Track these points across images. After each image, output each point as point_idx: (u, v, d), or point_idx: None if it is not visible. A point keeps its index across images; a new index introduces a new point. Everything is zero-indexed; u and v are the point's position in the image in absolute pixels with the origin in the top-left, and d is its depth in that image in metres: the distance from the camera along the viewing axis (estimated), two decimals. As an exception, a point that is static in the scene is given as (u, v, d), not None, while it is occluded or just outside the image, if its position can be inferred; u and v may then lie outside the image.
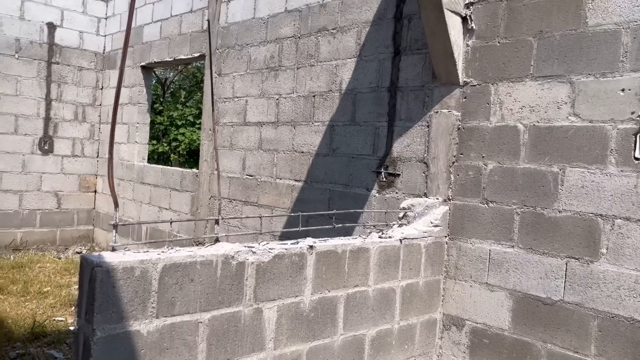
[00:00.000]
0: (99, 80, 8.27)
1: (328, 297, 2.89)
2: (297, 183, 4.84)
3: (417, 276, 3.43)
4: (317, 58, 4.69)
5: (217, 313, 2.44)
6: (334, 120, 4.52)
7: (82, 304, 2.13)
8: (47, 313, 4.70)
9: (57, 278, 5.94)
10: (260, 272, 2.58)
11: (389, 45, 4.07)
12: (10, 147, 7.47)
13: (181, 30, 6.61)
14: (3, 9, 7.33)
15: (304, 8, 4.83)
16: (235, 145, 5.62)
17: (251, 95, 5.43)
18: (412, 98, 3.90)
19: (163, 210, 6.81)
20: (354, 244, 3.01)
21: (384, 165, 4.07)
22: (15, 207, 7.53)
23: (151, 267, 2.21)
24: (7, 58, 7.41)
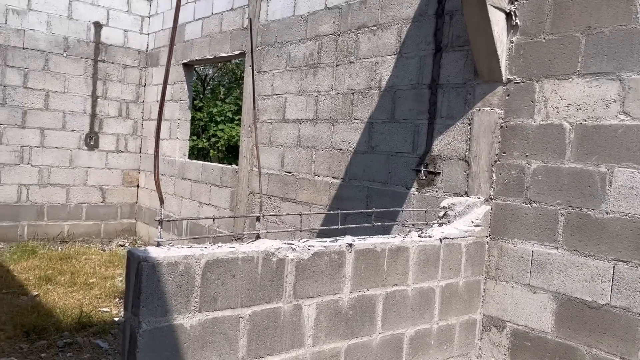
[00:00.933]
0: (142, 78, 8.47)
1: (367, 296, 2.89)
2: (335, 180, 4.85)
3: (457, 276, 3.39)
4: (357, 55, 4.68)
5: (257, 309, 2.47)
6: (373, 118, 4.50)
7: (128, 297, 2.20)
8: (93, 304, 4.86)
9: (102, 270, 6.14)
10: (299, 269, 2.61)
11: (430, 42, 4.03)
12: (58, 143, 7.74)
13: (222, 28, 6.70)
14: (52, 9, 7.59)
15: (344, 5, 4.82)
16: (274, 142, 5.67)
17: (290, 92, 5.46)
18: (454, 95, 3.84)
19: (203, 205, 6.93)
20: (393, 243, 3.00)
21: (424, 163, 4.03)
22: (63, 201, 7.81)
23: (194, 263, 2.26)
24: (56, 57, 7.68)
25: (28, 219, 7.54)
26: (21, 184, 7.47)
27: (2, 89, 7.27)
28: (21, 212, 7.48)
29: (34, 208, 7.58)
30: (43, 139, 7.62)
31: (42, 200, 7.64)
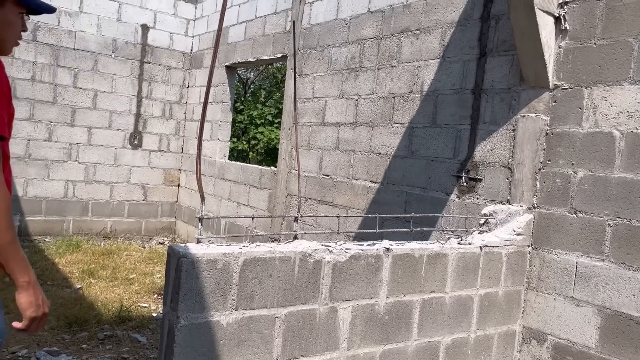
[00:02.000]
0: (186, 79, 8.65)
1: (403, 301, 2.85)
2: (373, 184, 4.82)
3: (496, 285, 3.31)
4: (399, 59, 4.65)
5: (293, 309, 2.47)
6: (414, 122, 4.45)
7: (167, 292, 2.24)
8: (133, 299, 4.98)
9: (142, 266, 6.28)
10: (336, 271, 2.60)
11: (474, 47, 3.96)
12: (104, 141, 7.99)
13: (265, 31, 6.77)
14: (102, 11, 7.85)
15: (387, 9, 4.80)
16: (312, 145, 5.69)
17: (330, 95, 5.47)
18: (498, 101, 3.76)
19: (241, 205, 7.01)
20: (431, 249, 2.96)
21: (465, 169, 3.96)
22: (107, 198, 8.05)
23: (233, 261, 2.28)
24: (105, 57, 7.93)
25: (74, 214, 7.79)
26: (68, 180, 7.73)
27: (53, 88, 7.56)
28: (67, 207, 7.74)
29: (80, 204, 7.84)
30: (90, 137, 7.88)
31: (87, 196, 7.89)
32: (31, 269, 1.63)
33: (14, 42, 1.81)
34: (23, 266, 1.59)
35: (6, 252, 1.56)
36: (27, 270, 1.61)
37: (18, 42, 1.84)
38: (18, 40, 1.82)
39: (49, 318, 4.20)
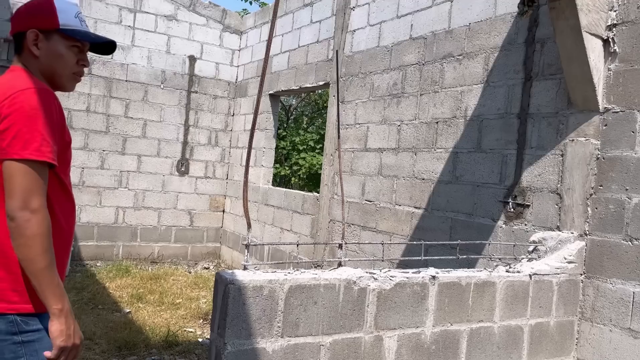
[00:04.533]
0: (231, 108, 8.88)
1: (450, 331, 2.79)
2: (417, 210, 4.78)
3: (547, 315, 3.20)
4: (441, 84, 4.64)
5: (338, 337, 2.46)
6: (458, 147, 4.41)
7: (215, 318, 2.27)
8: (179, 323, 5.06)
9: (188, 291, 6.39)
10: (381, 299, 2.57)
11: (519, 71, 3.92)
12: (152, 169, 8.25)
13: (307, 59, 6.91)
14: (152, 44, 8.20)
15: (429, 35, 4.82)
16: (355, 171, 5.70)
17: (372, 121, 5.49)
18: (545, 125, 3.69)
19: (284, 231, 7.06)
20: (479, 277, 2.90)
21: (512, 195, 3.88)
22: (155, 223, 8.27)
23: (278, 287, 2.30)
24: (154, 88, 8.25)
25: (123, 239, 8.03)
26: (118, 207, 8.00)
27: (106, 118, 7.90)
28: (117, 232, 7.99)
29: (129, 229, 8.08)
30: (139, 165, 8.15)
31: (136, 222, 8.13)
32: (66, 297, 1.60)
33: (69, 76, 1.81)
34: (57, 293, 1.57)
35: (40, 277, 1.55)
36: (61, 297, 1.58)
37: (77, 77, 1.84)
38: (75, 74, 1.83)
39: (100, 341, 4.31)
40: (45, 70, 1.76)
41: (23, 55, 1.76)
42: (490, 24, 4.20)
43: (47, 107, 1.62)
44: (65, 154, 1.78)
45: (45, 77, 1.77)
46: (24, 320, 1.62)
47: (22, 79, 1.67)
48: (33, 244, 1.54)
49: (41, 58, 1.74)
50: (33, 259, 1.55)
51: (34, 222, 1.54)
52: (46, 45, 1.74)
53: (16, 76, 1.69)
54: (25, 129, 1.56)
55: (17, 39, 1.75)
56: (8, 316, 1.60)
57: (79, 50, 1.82)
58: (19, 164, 1.55)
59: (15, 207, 1.54)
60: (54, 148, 1.62)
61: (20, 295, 1.62)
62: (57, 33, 1.75)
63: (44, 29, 1.73)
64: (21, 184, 1.55)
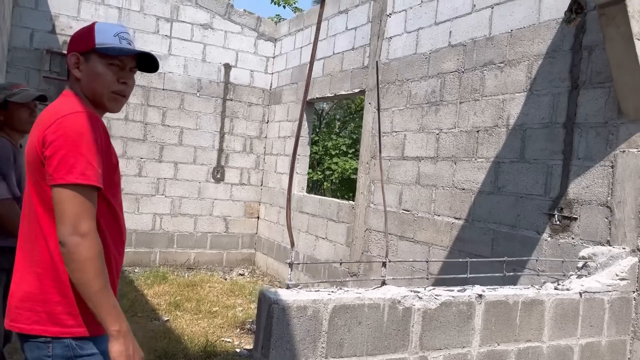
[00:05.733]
0: (265, 115, 8.91)
1: (497, 351, 2.70)
2: (457, 221, 4.68)
3: (598, 335, 3.07)
4: (482, 92, 4.54)
5: (382, 358, 2.41)
6: (500, 157, 4.30)
7: (259, 338, 2.25)
8: (217, 333, 5.08)
9: (224, 299, 6.42)
10: (426, 319, 2.51)
11: (565, 79, 3.79)
12: (189, 176, 8.34)
13: (342, 67, 6.87)
14: (189, 53, 8.31)
15: (468, 42, 4.72)
16: (391, 179, 5.63)
17: (410, 129, 5.41)
18: (593, 135, 3.56)
19: (319, 239, 7.04)
20: (526, 295, 2.80)
21: (558, 207, 3.75)
22: (191, 230, 8.36)
23: (322, 308, 2.26)
24: (190, 96, 8.35)
25: (160, 246, 8.15)
26: (155, 214, 8.11)
27: (144, 127, 8.03)
28: (154, 239, 8.11)
29: (166, 236, 8.19)
30: (176, 172, 8.26)
31: (173, 229, 8.23)
32: (123, 317, 1.62)
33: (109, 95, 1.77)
34: (114, 314, 1.59)
35: (95, 300, 1.57)
36: (118, 318, 1.59)
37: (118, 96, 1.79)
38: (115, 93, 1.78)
39: (140, 351, 4.36)
40: (87, 92, 1.78)
41: (70, 80, 1.81)
42: (534, 30, 4.08)
43: (91, 130, 1.63)
44: (113, 176, 1.78)
45: (89, 99, 1.78)
46: (79, 344, 1.63)
47: (69, 103, 1.69)
48: (85, 267, 1.55)
49: (82, 80, 1.77)
50: (87, 283, 1.56)
51: (85, 247, 1.55)
52: (85, 66, 1.76)
53: (64, 101, 1.72)
54: (70, 154, 1.57)
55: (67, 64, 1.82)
56: (64, 340, 1.61)
57: (119, 68, 1.78)
58: (66, 189, 1.56)
59: (65, 232, 1.55)
60: (99, 171, 1.62)
61: (74, 319, 1.63)
62: (94, 53, 1.75)
63: (82, 51, 1.76)
64: (69, 208, 1.56)
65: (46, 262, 1.63)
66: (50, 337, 1.60)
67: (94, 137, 1.63)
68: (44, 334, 1.61)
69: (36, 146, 1.64)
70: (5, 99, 2.95)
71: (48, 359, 1.60)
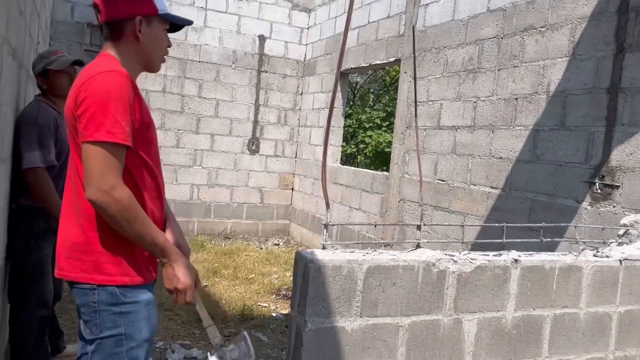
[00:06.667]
0: (299, 87, 8.91)
1: (532, 316, 2.70)
2: (493, 190, 4.62)
3: (638, 303, 3.02)
4: (522, 58, 4.42)
5: (416, 319, 2.44)
6: (539, 125, 4.21)
7: (295, 297, 2.31)
8: (253, 298, 5.21)
9: (260, 267, 6.56)
10: (461, 282, 2.52)
11: (609, 42, 3.66)
12: (225, 147, 8.46)
13: (377, 36, 6.78)
14: (224, 25, 8.34)
15: (508, 6, 4.59)
16: (427, 149, 5.59)
17: (446, 98, 5.34)
18: (638, 101, 3.44)
19: (353, 210, 7.07)
20: (564, 261, 2.77)
21: (599, 174, 3.66)
22: (227, 200, 8.52)
23: (357, 268, 2.30)
24: (225, 68, 8.41)
25: (198, 215, 8.34)
26: (193, 184, 8.29)
27: (181, 98, 8.16)
28: (192, 209, 8.30)
29: (203, 206, 8.37)
30: (212, 144, 8.39)
31: (210, 199, 8.41)
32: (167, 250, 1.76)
33: (162, 58, 1.90)
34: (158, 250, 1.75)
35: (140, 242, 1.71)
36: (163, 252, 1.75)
37: (164, 58, 1.93)
38: (164, 56, 1.92)
39: (181, 313, 4.53)
40: (145, 55, 1.82)
41: (121, 41, 1.79)
42: (578, -8, 3.93)
43: (119, 88, 1.65)
44: (146, 133, 1.82)
45: (143, 61, 1.83)
46: (122, 292, 1.72)
47: (102, 63, 1.72)
48: (119, 219, 1.63)
49: (143, 43, 1.80)
50: (125, 231, 1.66)
51: (112, 201, 1.61)
52: (148, 30, 1.80)
53: (99, 61, 1.74)
54: (98, 112, 1.61)
55: (113, 25, 1.78)
56: (108, 287, 1.70)
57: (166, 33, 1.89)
58: (93, 146, 1.61)
59: (91, 192, 1.61)
60: (127, 129, 1.65)
61: (118, 268, 1.71)
62: (156, 18, 1.81)
63: (146, 14, 1.79)
64: (94, 165, 1.61)
65: (89, 214, 1.70)
66: (96, 285, 1.69)
67: (123, 96, 1.66)
68: (90, 282, 1.69)
69: (71, 105, 1.70)
70: (44, 67, 3.05)
71: (94, 304, 1.69)
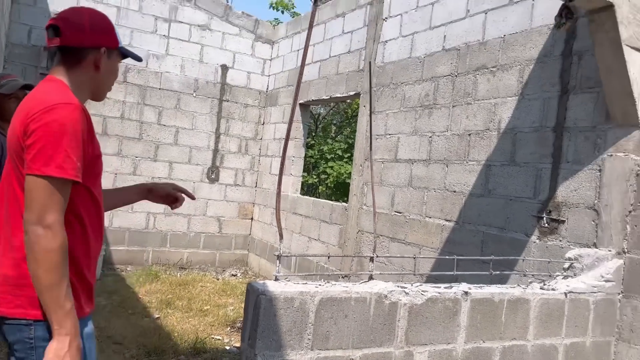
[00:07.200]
0: (261, 116, 8.95)
1: (482, 348, 2.74)
2: (448, 223, 4.72)
3: (583, 335, 3.11)
4: (475, 96, 4.59)
5: (368, 351, 2.44)
6: (491, 160, 4.35)
7: (246, 329, 2.28)
8: (207, 330, 5.09)
9: (216, 298, 6.43)
10: (412, 314, 2.54)
11: (555, 84, 3.85)
12: (183, 175, 8.36)
13: (338, 70, 6.93)
14: (186, 53, 8.35)
15: (462, 46, 4.78)
16: (384, 182, 5.67)
17: (403, 132, 5.46)
18: (582, 139, 3.61)
19: (312, 240, 7.06)
20: (512, 294, 2.84)
21: (547, 209, 3.80)
22: (184, 230, 8.37)
23: (309, 299, 2.29)
24: (186, 96, 8.38)
25: (153, 245, 8.15)
26: (149, 212, 8.12)
27: (140, 125, 8.06)
28: (148, 238, 8.11)
29: (159, 235, 8.20)
30: (171, 172, 8.28)
31: (166, 228, 8.24)
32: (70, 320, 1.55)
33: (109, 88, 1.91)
34: (60, 314, 1.54)
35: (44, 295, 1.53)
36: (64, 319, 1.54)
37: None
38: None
39: (130, 346, 4.37)
40: (99, 84, 1.82)
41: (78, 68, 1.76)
42: (526, 35, 4.14)
43: (75, 124, 1.61)
44: (95, 166, 1.78)
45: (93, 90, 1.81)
46: None
47: (56, 93, 1.66)
48: (41, 259, 1.52)
49: (101, 73, 1.80)
50: (39, 276, 1.53)
51: (46, 238, 1.53)
52: (108, 62, 1.81)
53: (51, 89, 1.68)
54: (49, 145, 1.56)
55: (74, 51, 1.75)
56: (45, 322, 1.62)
57: None
58: (39, 179, 1.55)
59: (29, 221, 1.54)
60: (78, 165, 1.60)
61: None
62: (115, 51, 1.84)
63: (109, 47, 1.80)
64: (38, 198, 1.54)
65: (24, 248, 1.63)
66: (32, 320, 1.61)
67: (78, 131, 1.61)
68: (25, 317, 1.61)
69: (18, 132, 1.62)
70: None
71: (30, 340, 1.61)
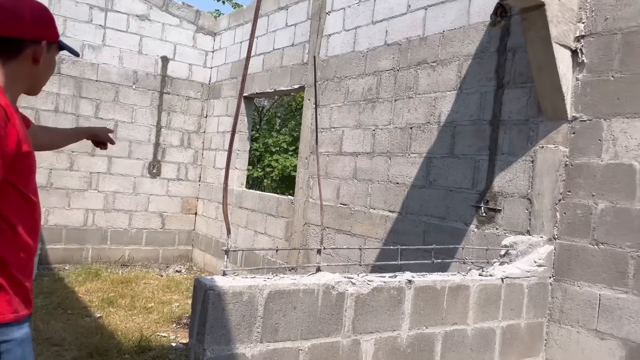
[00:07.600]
0: (204, 109, 8.81)
1: (426, 334, 2.85)
2: (391, 214, 4.84)
3: (518, 317, 3.29)
4: (416, 90, 4.72)
5: (316, 342, 2.48)
6: (432, 152, 4.49)
7: (194, 324, 2.27)
8: (152, 328, 4.99)
9: (160, 295, 6.31)
10: (359, 303, 2.61)
11: (491, 79, 4.02)
12: (123, 170, 8.12)
13: (282, 63, 6.92)
14: (124, 44, 8.08)
15: (403, 42, 4.90)
16: (330, 174, 5.74)
17: (347, 126, 5.54)
18: (516, 132, 3.80)
19: (258, 234, 7.05)
20: (453, 281, 2.96)
21: (484, 199, 3.97)
22: (125, 226, 8.14)
23: (258, 293, 2.31)
24: (125, 89, 8.13)
25: (92, 242, 7.88)
26: (88, 209, 7.84)
27: (76, 119, 7.74)
28: (87, 235, 7.83)
29: (99, 232, 7.93)
30: (110, 166, 8.02)
31: (107, 224, 7.99)
32: None
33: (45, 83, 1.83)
34: None
35: None
36: None
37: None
38: None
39: (71, 347, 4.23)
40: (36, 78, 1.73)
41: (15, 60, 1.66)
42: (464, 32, 4.29)
43: None
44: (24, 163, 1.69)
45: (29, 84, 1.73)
46: None
47: None
48: None
49: (40, 67, 1.72)
50: None
51: None
52: (47, 56, 1.73)
53: None
54: None
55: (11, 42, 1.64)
56: None
57: None
58: None
59: None
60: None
61: None
62: (54, 45, 1.76)
63: (49, 40, 1.72)
64: None
65: None
66: None
67: None
68: None
69: None
70: None
71: None
